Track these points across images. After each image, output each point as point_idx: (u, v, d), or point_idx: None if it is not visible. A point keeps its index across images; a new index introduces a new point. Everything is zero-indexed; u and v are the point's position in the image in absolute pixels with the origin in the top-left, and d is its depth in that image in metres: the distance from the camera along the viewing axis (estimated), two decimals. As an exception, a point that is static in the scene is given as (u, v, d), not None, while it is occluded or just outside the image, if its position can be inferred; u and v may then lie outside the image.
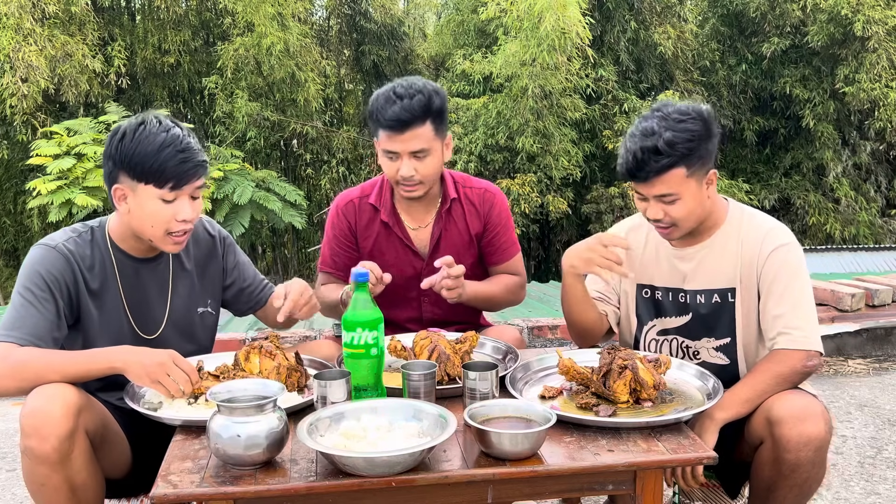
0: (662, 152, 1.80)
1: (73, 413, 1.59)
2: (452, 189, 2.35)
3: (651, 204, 1.89)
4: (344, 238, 2.38)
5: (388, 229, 2.34)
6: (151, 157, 1.79)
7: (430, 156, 2.18)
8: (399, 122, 2.11)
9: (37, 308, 1.77)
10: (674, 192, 1.85)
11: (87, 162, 8.32)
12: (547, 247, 13.19)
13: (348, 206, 2.38)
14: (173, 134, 1.83)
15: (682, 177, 1.83)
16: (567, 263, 1.98)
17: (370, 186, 2.40)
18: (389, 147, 2.16)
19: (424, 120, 2.13)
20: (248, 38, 11.23)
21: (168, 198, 1.83)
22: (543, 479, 1.46)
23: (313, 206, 12.62)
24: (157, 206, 1.83)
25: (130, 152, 1.81)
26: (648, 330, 2.08)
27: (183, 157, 1.82)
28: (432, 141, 2.17)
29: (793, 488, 1.73)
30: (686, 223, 1.91)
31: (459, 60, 11.80)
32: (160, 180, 1.81)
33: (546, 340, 4.24)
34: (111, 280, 1.92)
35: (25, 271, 1.82)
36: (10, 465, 3.14)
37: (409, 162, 2.16)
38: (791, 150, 13.17)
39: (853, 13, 11.09)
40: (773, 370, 1.80)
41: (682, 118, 1.84)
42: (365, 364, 1.67)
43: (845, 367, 4.41)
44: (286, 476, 1.40)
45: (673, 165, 1.82)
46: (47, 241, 1.88)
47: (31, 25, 9.94)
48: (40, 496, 1.64)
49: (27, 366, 1.67)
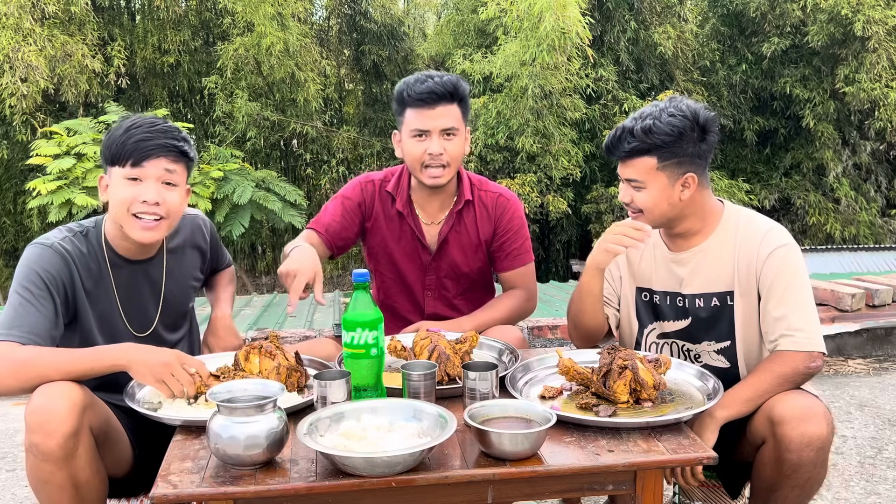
0: (636, 136, 1.85)
1: (78, 411, 1.60)
2: (468, 190, 2.36)
3: (622, 185, 1.96)
4: (351, 209, 2.37)
5: (401, 219, 2.36)
6: (119, 138, 1.85)
7: (458, 137, 2.24)
8: (432, 95, 2.17)
9: (35, 307, 1.78)
10: (639, 180, 1.88)
11: (86, 162, 8.32)
12: (547, 247, 13.19)
13: (368, 185, 2.40)
14: (148, 120, 1.88)
15: (651, 167, 1.86)
16: (592, 259, 2.01)
17: (391, 174, 2.41)
18: (419, 125, 2.20)
19: (453, 100, 2.21)
20: (247, 38, 11.23)
21: (131, 175, 1.85)
22: (543, 479, 1.45)
23: (313, 206, 12.62)
24: (123, 186, 1.86)
25: (106, 139, 1.89)
26: (649, 333, 2.08)
27: (146, 134, 1.84)
28: (460, 122, 2.24)
29: (794, 488, 1.73)
30: (650, 215, 1.92)
31: (459, 60, 11.80)
32: (122, 158, 1.84)
33: (546, 340, 4.24)
34: (105, 280, 1.93)
35: (22, 270, 1.83)
36: (10, 465, 3.13)
37: (438, 140, 2.20)
38: (791, 150, 13.18)
39: (853, 13, 11.10)
40: (776, 371, 1.80)
41: (675, 113, 1.86)
42: (365, 364, 1.67)
43: (845, 367, 4.41)
44: (286, 476, 1.40)
45: (643, 152, 1.85)
46: (43, 240, 1.89)
47: (31, 25, 9.95)
48: (44, 493, 1.64)
49: (29, 364, 1.67)
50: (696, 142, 1.86)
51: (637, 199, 1.91)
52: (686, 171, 1.87)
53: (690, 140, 1.85)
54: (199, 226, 2.16)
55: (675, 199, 1.90)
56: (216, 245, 2.25)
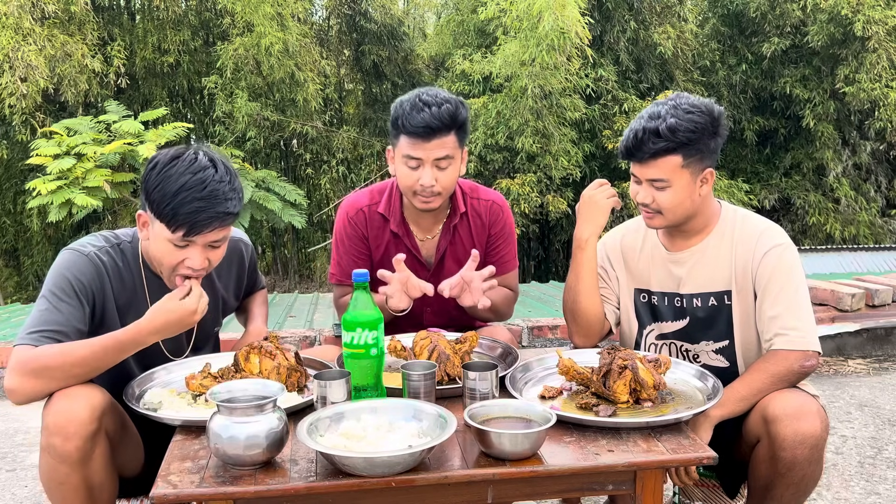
0: (662, 136, 1.83)
1: (97, 415, 1.60)
2: (461, 202, 2.33)
3: (643, 187, 1.92)
4: (358, 248, 2.34)
5: (397, 239, 2.33)
6: (168, 199, 1.71)
7: (452, 166, 2.16)
8: (427, 130, 2.08)
9: (60, 311, 1.73)
10: (666, 179, 1.87)
11: (86, 162, 8.32)
12: (547, 247, 13.19)
13: (358, 214, 2.34)
14: (199, 178, 1.72)
15: (676, 165, 1.86)
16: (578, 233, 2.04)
17: (378, 194, 2.36)
18: (413, 153, 2.12)
19: (450, 130, 2.12)
20: (247, 38, 11.22)
21: (178, 243, 1.76)
22: (543, 479, 1.46)
23: (313, 206, 12.63)
24: (168, 248, 1.77)
25: (153, 187, 1.74)
26: (648, 334, 2.08)
27: (199, 205, 1.71)
28: (455, 150, 2.16)
29: (790, 486, 1.73)
30: (671, 214, 1.91)
31: (459, 60, 11.79)
32: (171, 224, 1.73)
33: (546, 340, 4.24)
34: (140, 298, 1.89)
35: (53, 276, 1.78)
36: (10, 465, 3.13)
37: (430, 171, 2.13)
38: (791, 150, 13.17)
39: (853, 13, 11.09)
40: (770, 370, 1.81)
41: (691, 110, 1.86)
42: (365, 364, 1.67)
43: (845, 367, 4.41)
44: (286, 476, 1.40)
45: (669, 151, 1.84)
46: (79, 247, 1.84)
47: (31, 25, 9.94)
48: (58, 494, 1.65)
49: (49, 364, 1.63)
50: (713, 136, 1.88)
51: (659, 199, 1.89)
52: (706, 167, 1.90)
53: (709, 134, 1.87)
54: (239, 249, 2.12)
55: (696, 196, 1.91)
56: (254, 270, 2.22)
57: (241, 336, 2.19)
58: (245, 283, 2.19)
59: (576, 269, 2.07)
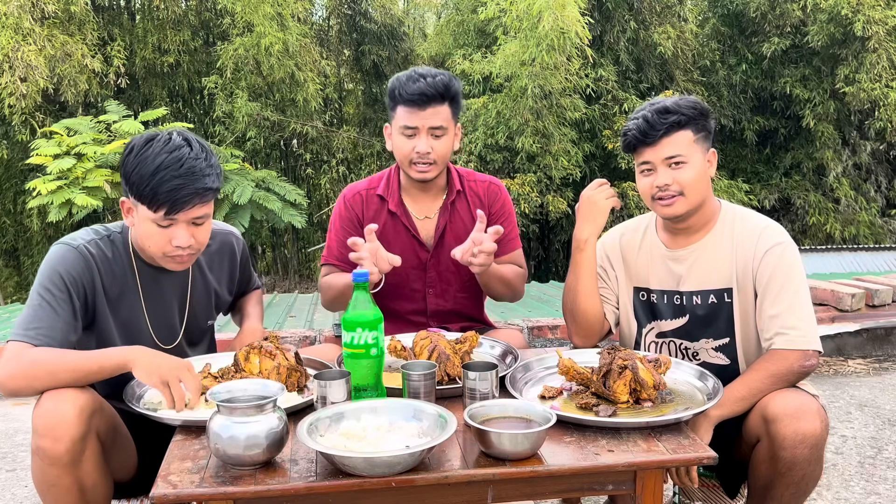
0: (671, 111, 1.91)
1: (86, 416, 1.59)
2: (458, 182, 2.40)
3: (659, 171, 1.93)
4: (352, 230, 2.37)
5: (394, 219, 2.36)
6: (147, 179, 1.73)
7: (446, 136, 2.27)
8: (423, 97, 2.20)
9: (54, 309, 1.75)
10: (681, 154, 1.91)
11: (86, 162, 8.33)
12: (547, 247, 13.19)
13: (355, 197, 2.40)
14: (175, 156, 1.75)
15: (689, 140, 1.92)
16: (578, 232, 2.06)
17: (377, 179, 2.43)
18: (409, 122, 2.22)
19: (444, 100, 2.23)
20: (247, 38, 11.23)
21: (162, 223, 1.78)
22: (543, 479, 1.45)
23: (313, 206, 12.63)
24: (153, 229, 1.79)
25: (131, 170, 1.76)
26: (647, 333, 2.09)
27: (178, 182, 1.73)
28: (449, 121, 2.26)
29: (789, 486, 1.73)
30: (693, 194, 1.92)
31: (459, 60, 11.80)
32: (153, 204, 1.75)
33: (546, 340, 4.24)
34: (131, 287, 1.90)
35: (45, 270, 1.79)
36: (10, 466, 3.13)
37: (426, 138, 2.23)
38: (791, 150, 13.18)
39: (853, 13, 11.10)
40: (770, 369, 1.80)
41: (686, 97, 1.99)
42: (365, 364, 1.67)
43: (845, 367, 4.41)
44: (286, 476, 1.40)
45: (682, 125, 1.91)
46: (68, 240, 1.85)
47: (31, 25, 9.94)
48: (50, 497, 1.64)
49: (39, 365, 1.65)
50: (708, 117, 1.98)
51: (679, 178, 1.91)
52: (709, 147, 1.98)
53: (706, 115, 1.97)
54: (230, 243, 2.13)
55: (706, 178, 1.97)
56: (246, 265, 2.21)
57: (236, 335, 2.19)
58: (238, 278, 2.19)
59: (575, 270, 2.07)
